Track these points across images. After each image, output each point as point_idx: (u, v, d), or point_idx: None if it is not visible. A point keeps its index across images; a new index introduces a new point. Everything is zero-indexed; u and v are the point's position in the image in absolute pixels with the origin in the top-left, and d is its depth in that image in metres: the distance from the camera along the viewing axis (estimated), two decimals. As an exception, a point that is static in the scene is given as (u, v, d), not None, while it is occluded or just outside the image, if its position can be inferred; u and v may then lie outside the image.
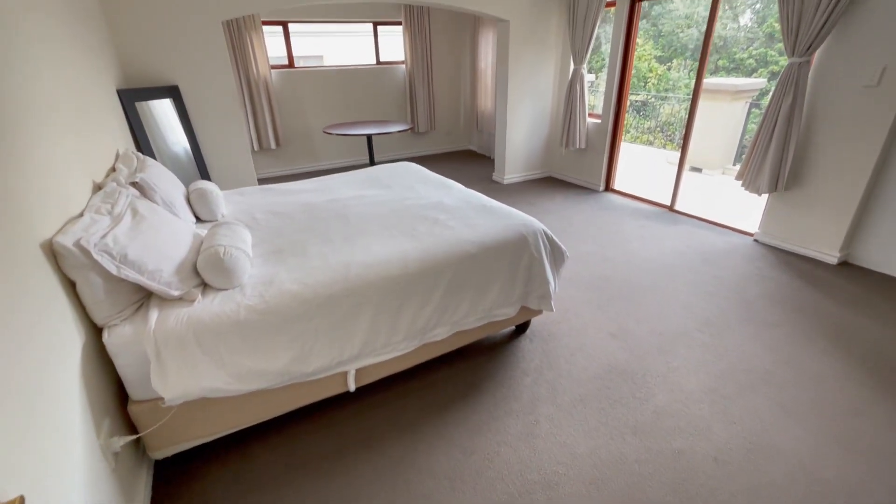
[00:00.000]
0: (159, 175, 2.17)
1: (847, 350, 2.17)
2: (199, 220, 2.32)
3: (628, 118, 7.80)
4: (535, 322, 2.44)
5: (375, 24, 5.77)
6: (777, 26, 7.88)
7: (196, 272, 1.62)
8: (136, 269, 1.41)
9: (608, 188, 4.80)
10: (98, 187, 1.87)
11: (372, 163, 5.08)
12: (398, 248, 1.91)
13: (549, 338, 2.32)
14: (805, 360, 2.11)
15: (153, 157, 2.96)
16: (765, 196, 3.31)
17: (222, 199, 2.42)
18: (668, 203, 4.18)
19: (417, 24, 5.79)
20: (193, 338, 1.41)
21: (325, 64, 5.82)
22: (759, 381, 1.98)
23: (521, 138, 5.03)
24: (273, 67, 5.29)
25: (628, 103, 4.79)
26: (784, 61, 2.94)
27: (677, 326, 2.39)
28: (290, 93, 5.48)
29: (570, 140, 4.76)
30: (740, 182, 3.32)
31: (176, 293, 1.50)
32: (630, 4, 4.01)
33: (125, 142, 2.66)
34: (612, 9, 4.20)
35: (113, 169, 2.15)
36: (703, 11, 8.47)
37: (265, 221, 2.27)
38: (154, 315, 1.43)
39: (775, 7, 8.35)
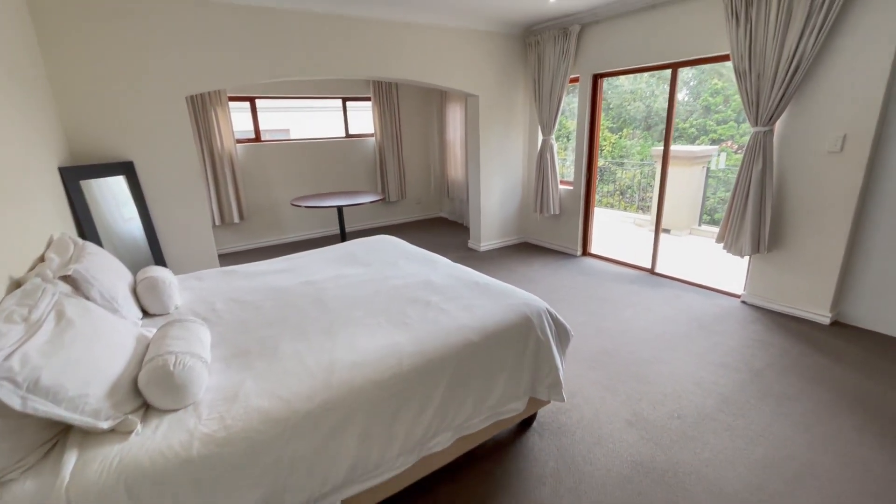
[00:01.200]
0: (100, 264, 1.85)
1: (877, 423, 2.01)
2: (147, 314, 1.97)
3: (591, 183, 8.12)
4: (543, 412, 2.16)
5: (345, 100, 5.84)
6: (711, 100, 8.70)
7: (137, 391, 1.28)
8: (50, 397, 1.06)
9: (585, 252, 4.77)
10: (16, 284, 1.53)
11: (343, 234, 4.87)
12: (389, 340, 1.64)
13: (560, 431, 2.04)
14: (841, 440, 1.92)
15: (98, 242, 2.61)
16: (746, 257, 3.31)
17: (176, 288, 2.09)
18: (649, 266, 4.15)
19: (386, 99, 5.92)
20: (125, 493, 1.04)
21: (293, 137, 5.76)
22: (805, 473, 1.75)
23: (495, 206, 5.00)
24: (239, 141, 5.15)
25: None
26: (722, 130, 3.08)
27: (696, 407, 2.17)
28: (257, 166, 5.31)
29: (544, 206, 4.77)
30: (721, 245, 3.32)
31: (105, 425, 1.15)
32: (593, 80, 4.23)
33: (64, 225, 2.32)
34: (576, 84, 4.41)
35: (42, 259, 1.81)
36: (646, 87, 9.29)
37: (227, 313, 1.95)
38: (70, 461, 1.07)
39: (709, 84, 9.11)
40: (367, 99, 5.93)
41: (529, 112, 4.92)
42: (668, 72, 3.63)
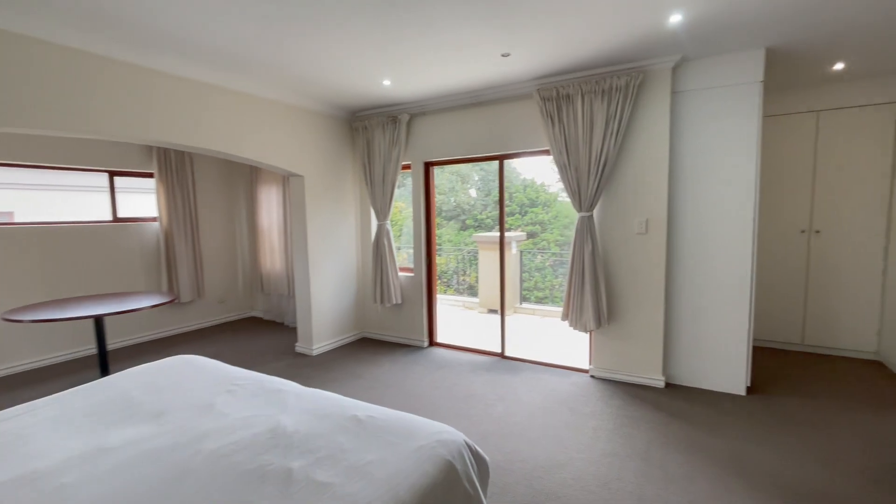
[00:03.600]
0: None
1: (769, 492, 2.07)
2: None
3: (416, 269, 8.16)
4: None
5: (112, 174, 4.44)
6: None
7: None
8: None
9: (432, 343, 4.42)
10: None
11: (103, 360, 3.33)
12: None
13: None
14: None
15: None
16: (589, 332, 3.48)
17: None
18: (499, 350, 4.05)
19: (177, 175, 4.76)
20: None
21: (19, 220, 3.98)
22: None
23: (328, 300, 4.30)
24: None
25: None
26: (511, 221, 3.36)
27: (618, 519, 1.87)
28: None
29: (384, 296, 4.32)
30: (567, 322, 3.44)
31: None
32: (425, 167, 4.22)
33: None
34: (408, 171, 4.34)
35: None
36: (446, 183, 10.29)
37: None
38: None
39: (496, 182, 10.41)
40: (149, 175, 4.66)
41: (360, 195, 4.59)
42: (471, 168, 3.87)
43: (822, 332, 3.90)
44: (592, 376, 3.49)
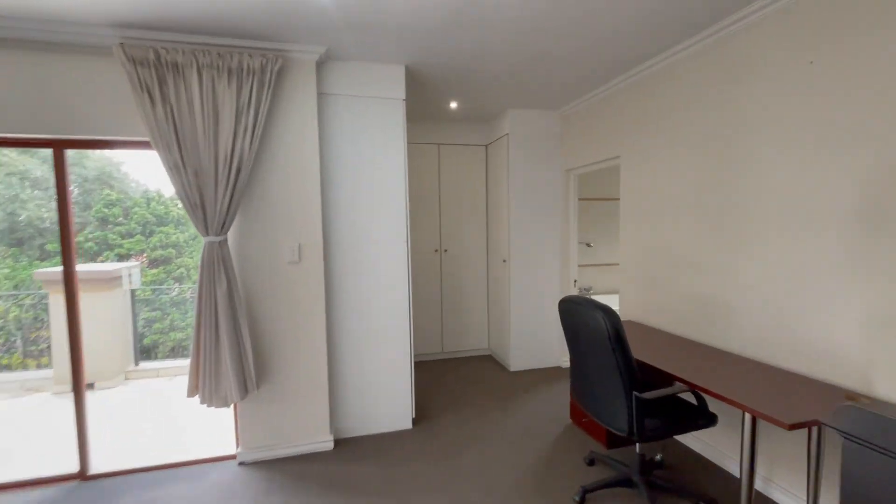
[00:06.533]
0: None
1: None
2: None
3: None
4: None
5: None
6: (108, 211, 7.42)
7: None
8: None
9: None
10: None
11: None
12: None
13: None
14: None
15: None
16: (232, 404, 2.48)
17: None
18: (76, 468, 2.41)
19: None
20: None
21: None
22: None
23: None
24: None
25: None
26: (129, 245, 2.35)
27: None
28: None
29: None
30: (198, 398, 2.32)
31: None
32: None
33: None
34: None
35: None
36: (4, 189, 6.62)
37: None
38: None
39: (100, 194, 7.74)
40: None
41: None
42: (48, 155, 2.28)
43: (455, 339, 4.41)
44: (242, 463, 2.51)
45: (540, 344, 4.04)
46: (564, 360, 4.07)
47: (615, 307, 2.07)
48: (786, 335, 1.98)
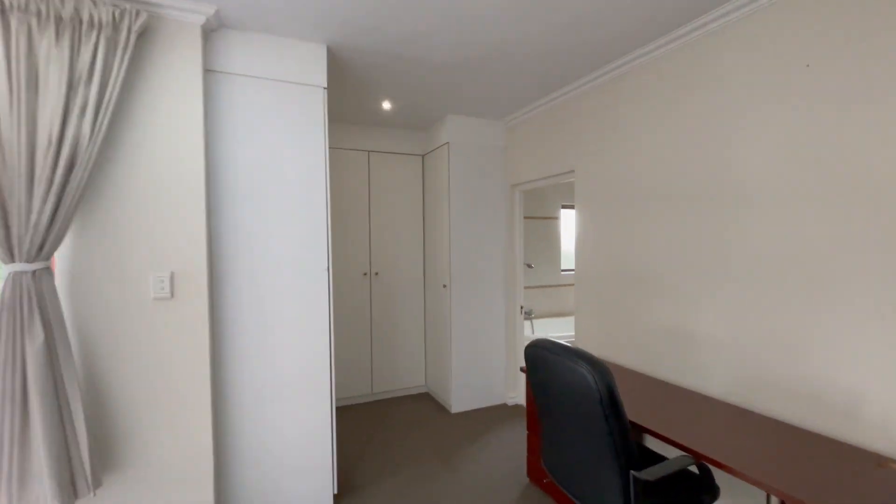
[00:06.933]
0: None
1: None
2: None
3: None
4: None
5: None
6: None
7: None
8: None
9: None
10: None
11: None
12: None
13: None
14: None
15: None
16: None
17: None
18: None
19: None
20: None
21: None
22: None
23: None
24: None
25: None
26: None
27: None
28: None
29: None
30: (-14, 517, 1.49)
31: None
32: None
33: None
34: None
35: None
36: None
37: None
38: None
39: None
40: None
41: None
42: None
43: (387, 377, 3.79)
44: None
45: (484, 380, 3.57)
46: (511, 397, 3.63)
47: (562, 332, 1.63)
48: (786, 378, 1.69)
